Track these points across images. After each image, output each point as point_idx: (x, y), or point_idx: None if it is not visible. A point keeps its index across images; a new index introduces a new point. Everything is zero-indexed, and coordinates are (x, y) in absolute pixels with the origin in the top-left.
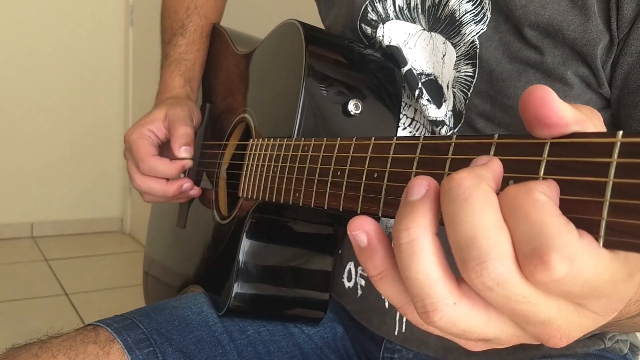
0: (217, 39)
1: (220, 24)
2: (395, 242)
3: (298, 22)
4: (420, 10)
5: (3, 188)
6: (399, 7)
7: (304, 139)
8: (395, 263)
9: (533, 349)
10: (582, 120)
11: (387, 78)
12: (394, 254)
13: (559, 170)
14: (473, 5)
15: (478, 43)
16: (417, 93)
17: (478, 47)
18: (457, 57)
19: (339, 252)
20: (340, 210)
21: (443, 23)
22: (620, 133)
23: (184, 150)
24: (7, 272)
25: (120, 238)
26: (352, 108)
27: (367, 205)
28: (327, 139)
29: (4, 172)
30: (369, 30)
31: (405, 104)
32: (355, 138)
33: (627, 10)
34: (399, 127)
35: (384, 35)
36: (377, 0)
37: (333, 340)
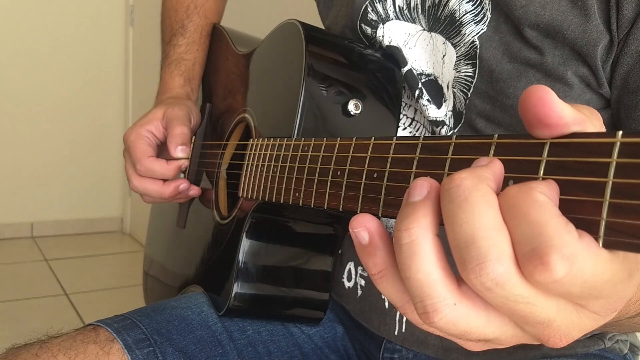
0: (217, 39)
1: (220, 24)
2: (396, 242)
3: (298, 22)
4: (420, 11)
5: (3, 188)
6: (399, 7)
7: (304, 139)
8: (396, 262)
9: (533, 349)
10: (581, 120)
11: (387, 78)
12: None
13: (559, 171)
14: (473, 6)
15: (478, 43)
16: (417, 93)
17: (478, 47)
18: (457, 57)
19: (339, 252)
20: (340, 210)
21: (443, 23)
22: (620, 133)
23: (180, 150)
24: (7, 272)
25: (120, 238)
26: (352, 108)
27: (366, 205)
28: (327, 139)
29: (4, 172)
30: (369, 31)
31: (406, 104)
32: (355, 138)
33: (627, 11)
34: (399, 127)
35: (384, 36)
36: (377, 1)
37: (333, 340)
